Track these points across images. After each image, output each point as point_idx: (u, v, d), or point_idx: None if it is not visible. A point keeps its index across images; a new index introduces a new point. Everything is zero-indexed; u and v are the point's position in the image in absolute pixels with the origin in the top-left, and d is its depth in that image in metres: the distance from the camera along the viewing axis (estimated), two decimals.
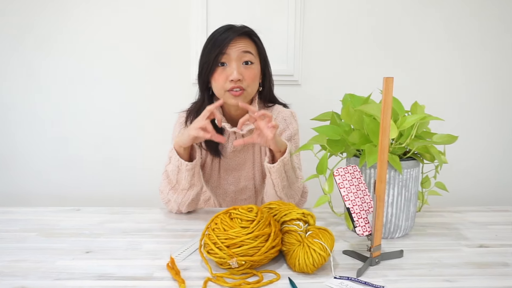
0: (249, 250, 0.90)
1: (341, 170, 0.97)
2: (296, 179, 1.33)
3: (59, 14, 2.04)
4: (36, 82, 2.10)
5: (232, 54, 1.34)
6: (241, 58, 1.36)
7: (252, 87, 1.38)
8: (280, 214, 1.01)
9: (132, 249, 1.05)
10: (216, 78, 1.36)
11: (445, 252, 1.04)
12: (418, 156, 1.13)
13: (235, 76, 1.33)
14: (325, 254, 0.90)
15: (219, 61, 1.35)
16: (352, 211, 0.95)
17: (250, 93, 1.39)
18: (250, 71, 1.37)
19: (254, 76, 1.38)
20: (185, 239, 1.12)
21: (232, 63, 1.34)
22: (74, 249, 1.04)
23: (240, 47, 1.35)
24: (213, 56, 1.34)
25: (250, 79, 1.36)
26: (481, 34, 2.12)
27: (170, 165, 1.28)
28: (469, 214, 1.34)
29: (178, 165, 1.25)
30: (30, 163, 2.18)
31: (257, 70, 1.39)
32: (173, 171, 1.27)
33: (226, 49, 1.34)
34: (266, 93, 1.49)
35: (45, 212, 1.33)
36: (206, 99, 1.45)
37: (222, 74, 1.35)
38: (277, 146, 1.22)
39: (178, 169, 1.26)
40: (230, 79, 1.33)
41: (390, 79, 0.88)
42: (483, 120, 2.21)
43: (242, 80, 1.35)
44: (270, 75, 1.48)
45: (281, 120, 1.47)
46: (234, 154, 1.48)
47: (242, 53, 1.35)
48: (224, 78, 1.35)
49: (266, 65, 1.45)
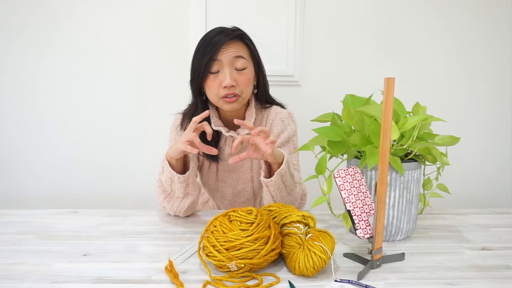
0: (248, 253, 0.90)
1: (342, 172, 0.97)
2: (294, 184, 1.32)
3: (56, 14, 2.03)
4: (34, 83, 2.10)
5: (224, 60, 1.33)
6: (233, 64, 1.34)
7: (246, 92, 1.37)
8: (280, 216, 1.01)
9: (130, 252, 1.05)
10: (209, 85, 1.35)
11: (447, 255, 1.04)
12: (420, 158, 1.13)
13: (228, 82, 1.31)
14: (325, 257, 0.90)
15: (211, 67, 1.33)
16: (353, 213, 0.95)
17: (244, 98, 1.38)
18: (244, 76, 1.36)
19: (248, 80, 1.37)
20: (183, 241, 1.12)
21: (225, 69, 1.33)
22: (72, 252, 1.04)
23: (232, 52, 1.33)
24: (204, 62, 1.32)
25: (243, 85, 1.35)
26: (484, 34, 2.13)
27: (163, 175, 1.26)
28: (471, 216, 1.34)
29: (171, 177, 1.23)
30: (27, 165, 2.18)
31: (250, 74, 1.38)
32: (166, 181, 1.26)
33: (217, 55, 1.32)
34: (262, 95, 1.48)
35: (42, 214, 1.33)
36: (199, 105, 1.44)
37: (215, 81, 1.34)
38: (275, 159, 1.20)
39: (171, 180, 1.24)
40: (223, 85, 1.32)
41: (392, 79, 0.88)
42: (486, 121, 2.21)
43: (235, 86, 1.34)
44: (264, 76, 1.47)
45: (279, 121, 1.46)
46: (232, 156, 1.48)
47: (234, 58, 1.34)
48: (217, 85, 1.34)
49: (259, 67, 1.44)
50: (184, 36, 2.06)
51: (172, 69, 2.09)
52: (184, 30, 2.06)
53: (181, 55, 2.07)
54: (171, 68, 2.09)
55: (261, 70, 1.45)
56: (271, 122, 1.46)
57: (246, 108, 1.46)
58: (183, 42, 2.07)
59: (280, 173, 1.22)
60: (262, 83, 1.46)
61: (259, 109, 1.49)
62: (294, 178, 1.32)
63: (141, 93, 2.12)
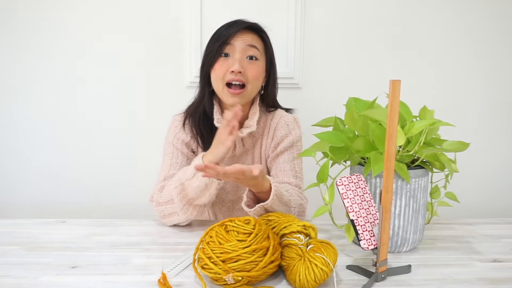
0: (246, 265, 0.90)
1: (345, 179, 0.97)
2: (288, 209, 1.29)
3: (37, 11, 2.04)
4: (17, 84, 2.09)
5: (237, 46, 1.36)
6: (246, 51, 1.37)
7: (253, 85, 1.39)
8: (280, 226, 1.01)
9: (121, 264, 1.05)
10: (216, 68, 1.37)
11: (456, 267, 1.04)
12: (427, 165, 1.13)
13: (237, 67, 1.33)
14: (327, 269, 0.90)
15: (223, 51, 1.36)
16: (356, 223, 0.95)
17: (250, 92, 1.39)
18: (254, 66, 1.38)
19: (257, 73, 1.39)
20: (177, 253, 1.11)
21: (236, 54, 1.36)
22: (59, 264, 1.04)
23: (246, 40, 1.37)
24: (217, 45, 1.36)
25: (252, 76, 1.37)
26: (502, 32, 2.13)
27: (195, 180, 1.21)
28: (481, 226, 1.34)
29: (207, 183, 1.20)
30: (12, 171, 2.17)
31: (261, 67, 1.41)
32: (198, 187, 1.21)
33: (231, 39, 1.36)
34: (270, 97, 1.50)
35: (28, 224, 1.33)
36: (206, 95, 1.45)
37: (223, 65, 1.36)
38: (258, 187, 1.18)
39: (206, 186, 1.21)
40: (231, 70, 1.34)
41: (397, 81, 0.88)
42: (497, 125, 2.21)
43: (243, 73, 1.35)
44: (275, 77, 1.49)
45: (283, 124, 1.47)
46: (233, 160, 1.48)
47: (247, 46, 1.37)
48: (224, 69, 1.36)
49: (271, 65, 1.46)
50: (178, 37, 2.06)
51: (166, 72, 2.09)
52: (178, 32, 2.06)
53: (175, 57, 2.08)
54: (164, 71, 2.09)
55: (273, 69, 1.47)
56: (275, 126, 1.48)
57: (250, 107, 1.47)
58: (177, 44, 2.07)
59: (263, 206, 1.19)
60: (271, 83, 1.48)
61: (263, 111, 1.50)
62: (291, 203, 1.30)
63: (133, 97, 2.12)
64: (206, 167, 1.06)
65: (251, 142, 1.48)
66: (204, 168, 1.06)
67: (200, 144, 1.46)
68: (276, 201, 1.20)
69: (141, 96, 2.12)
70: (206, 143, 1.43)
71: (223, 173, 1.08)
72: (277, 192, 1.20)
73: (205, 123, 1.46)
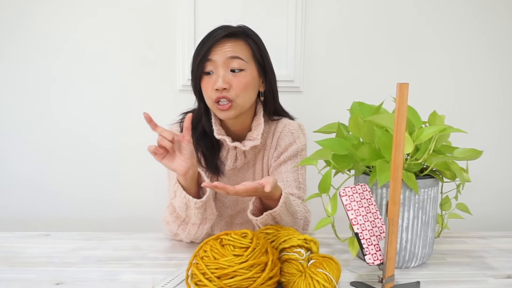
0: (243, 281, 0.90)
1: (349, 189, 0.97)
2: (294, 221, 1.29)
3: (42, 14, 2.04)
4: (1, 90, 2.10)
5: (218, 60, 1.34)
6: (227, 65, 1.35)
7: (243, 98, 1.37)
8: (279, 240, 1.01)
9: (109, 280, 1.05)
10: (203, 87, 1.38)
11: (468, 284, 1.04)
12: (437, 174, 1.13)
13: (219, 85, 1.32)
14: (330, 286, 0.90)
15: (205, 69, 1.36)
16: (361, 236, 0.95)
17: (240, 105, 1.37)
18: (240, 78, 1.36)
19: (244, 84, 1.36)
20: (169, 268, 1.11)
21: (218, 70, 1.35)
22: (43, 281, 1.04)
23: (227, 52, 1.35)
24: (197, 64, 1.36)
25: (238, 88, 1.35)
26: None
27: (176, 200, 1.23)
28: (495, 240, 1.34)
29: (186, 202, 1.20)
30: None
31: (249, 76, 1.38)
32: (180, 208, 1.22)
33: (210, 54, 1.34)
34: (270, 104, 1.49)
35: (10, 237, 1.33)
36: (202, 109, 1.46)
37: (208, 83, 1.36)
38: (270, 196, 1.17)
39: (186, 206, 1.21)
40: (215, 87, 1.33)
41: (405, 85, 0.89)
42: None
43: (228, 89, 1.34)
44: (273, 83, 1.47)
45: (287, 132, 1.47)
46: (234, 172, 1.49)
47: (228, 59, 1.35)
48: (210, 87, 1.35)
49: (265, 70, 1.44)
50: (171, 39, 2.06)
51: (158, 76, 2.09)
52: (171, 34, 2.06)
53: (167, 60, 2.07)
54: (157, 75, 2.09)
55: (268, 75, 1.45)
56: (279, 134, 1.48)
57: (252, 118, 1.46)
58: (170, 46, 2.06)
59: (271, 214, 1.18)
60: (268, 89, 1.47)
61: (266, 121, 1.50)
62: (297, 214, 1.29)
63: (122, 103, 2.11)
64: (215, 188, 1.05)
65: (253, 154, 1.48)
66: (213, 187, 1.05)
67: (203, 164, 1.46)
68: (284, 209, 1.19)
69: (129, 104, 2.11)
70: (207, 159, 1.45)
71: (234, 193, 1.07)
72: (286, 200, 1.20)
73: (206, 138, 1.46)
